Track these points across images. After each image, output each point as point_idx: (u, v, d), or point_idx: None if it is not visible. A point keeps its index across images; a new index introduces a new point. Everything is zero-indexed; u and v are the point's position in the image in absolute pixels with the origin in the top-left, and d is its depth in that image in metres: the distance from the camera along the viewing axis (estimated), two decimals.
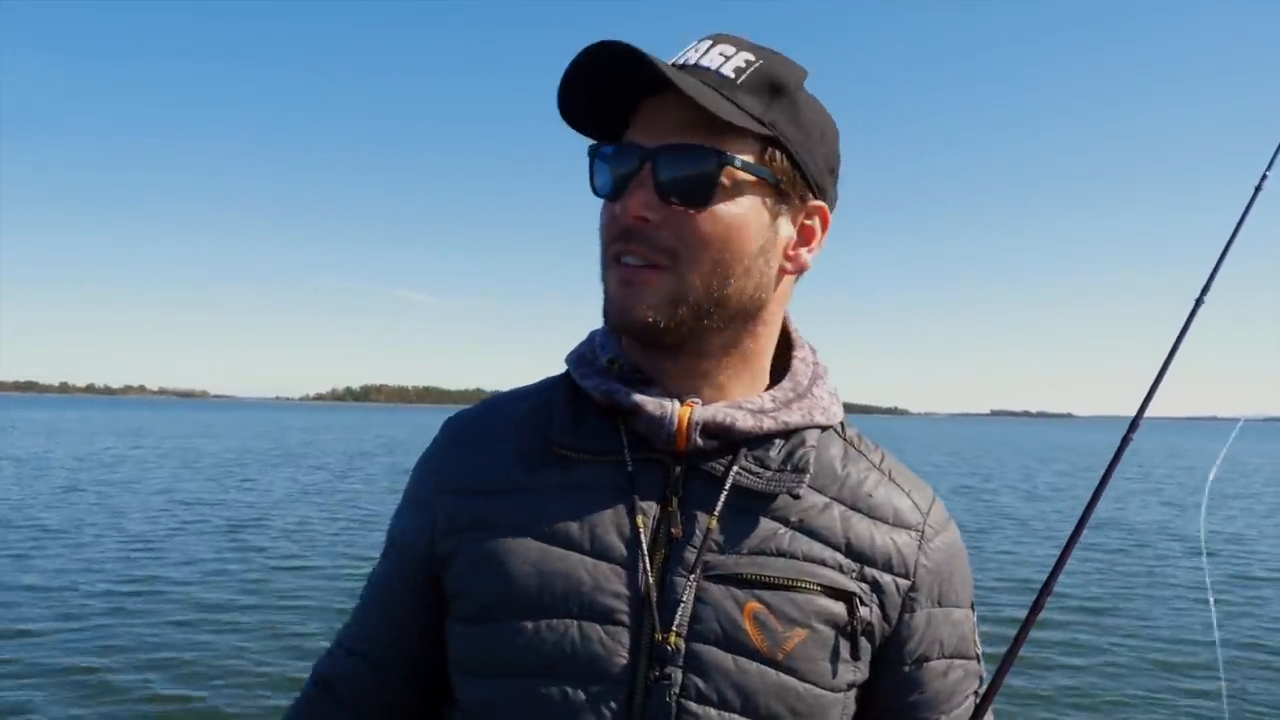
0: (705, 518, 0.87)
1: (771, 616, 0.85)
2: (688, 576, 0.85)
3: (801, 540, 0.88)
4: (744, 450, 0.90)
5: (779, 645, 0.84)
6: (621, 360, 0.94)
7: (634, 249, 0.86)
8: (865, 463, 0.96)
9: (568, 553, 0.86)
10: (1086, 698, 6.45)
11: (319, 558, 11.08)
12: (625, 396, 0.90)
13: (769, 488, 0.89)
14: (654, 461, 0.90)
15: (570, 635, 0.84)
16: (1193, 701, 6.41)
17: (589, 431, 0.92)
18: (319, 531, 13.15)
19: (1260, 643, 7.95)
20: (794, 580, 0.86)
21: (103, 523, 13.18)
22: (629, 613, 0.84)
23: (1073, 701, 6.36)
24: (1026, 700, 6.33)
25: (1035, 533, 14.50)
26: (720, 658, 0.84)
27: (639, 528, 0.86)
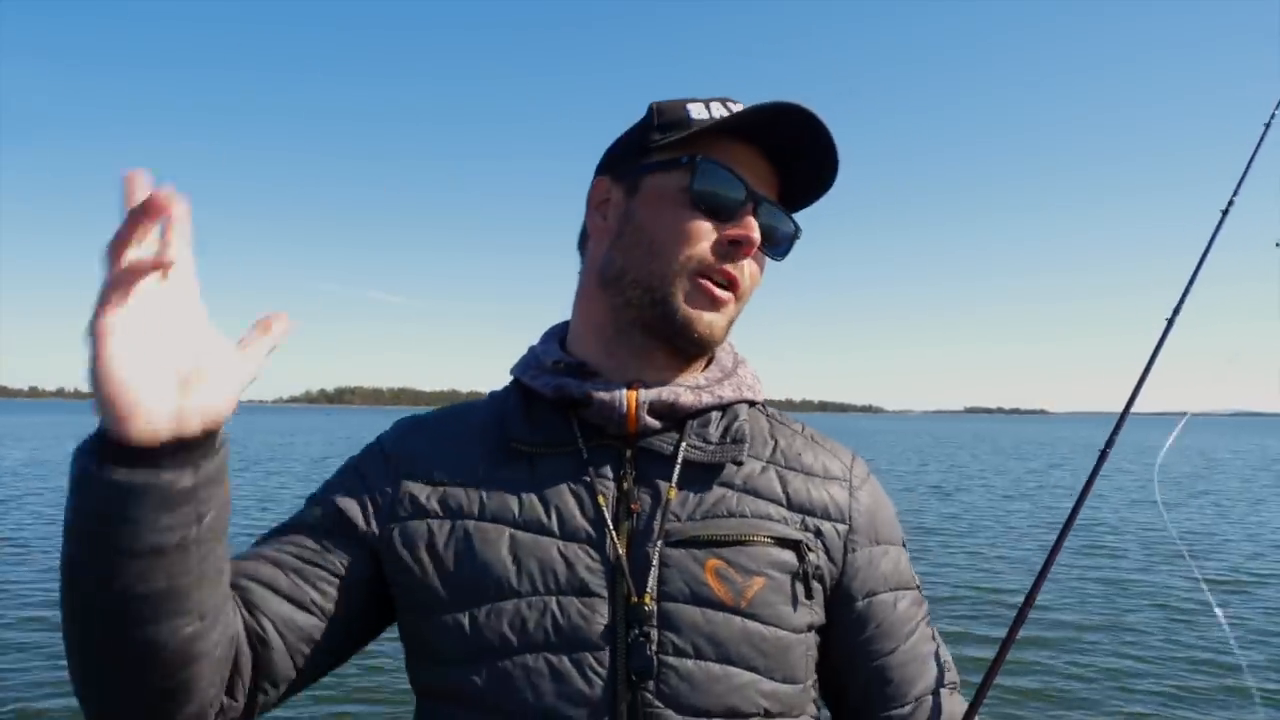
0: (662, 489, 0.96)
1: (731, 570, 0.93)
2: (652, 545, 0.93)
3: (748, 500, 0.98)
4: (690, 425, 1.00)
5: (741, 594, 0.93)
6: (565, 360, 1.02)
7: (731, 274, 0.97)
8: (790, 430, 1.09)
9: (538, 537, 0.93)
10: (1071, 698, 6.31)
11: None
12: (576, 388, 0.98)
13: (714, 458, 0.98)
14: (606, 446, 0.98)
15: (550, 610, 0.90)
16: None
17: (543, 427, 0.99)
18: None
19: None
20: (746, 535, 0.95)
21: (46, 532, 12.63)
22: (604, 583, 0.92)
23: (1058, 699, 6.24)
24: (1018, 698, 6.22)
25: (1013, 531, 14.34)
26: (690, 612, 0.92)
27: (601, 506, 0.94)
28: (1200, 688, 6.45)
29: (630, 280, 0.99)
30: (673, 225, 0.96)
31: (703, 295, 0.97)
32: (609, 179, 1.05)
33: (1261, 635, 7.77)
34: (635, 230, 0.99)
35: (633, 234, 1.00)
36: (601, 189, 1.06)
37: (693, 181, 0.96)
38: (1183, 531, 14.31)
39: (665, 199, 0.98)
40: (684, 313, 0.97)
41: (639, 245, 0.99)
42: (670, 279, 0.96)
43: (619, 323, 1.02)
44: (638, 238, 0.99)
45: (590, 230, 1.07)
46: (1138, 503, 18.45)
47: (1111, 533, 13.97)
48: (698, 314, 0.97)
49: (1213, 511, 17.06)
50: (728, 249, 0.96)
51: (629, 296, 1.00)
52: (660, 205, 0.98)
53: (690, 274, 0.96)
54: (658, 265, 0.97)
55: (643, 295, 0.98)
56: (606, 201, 1.05)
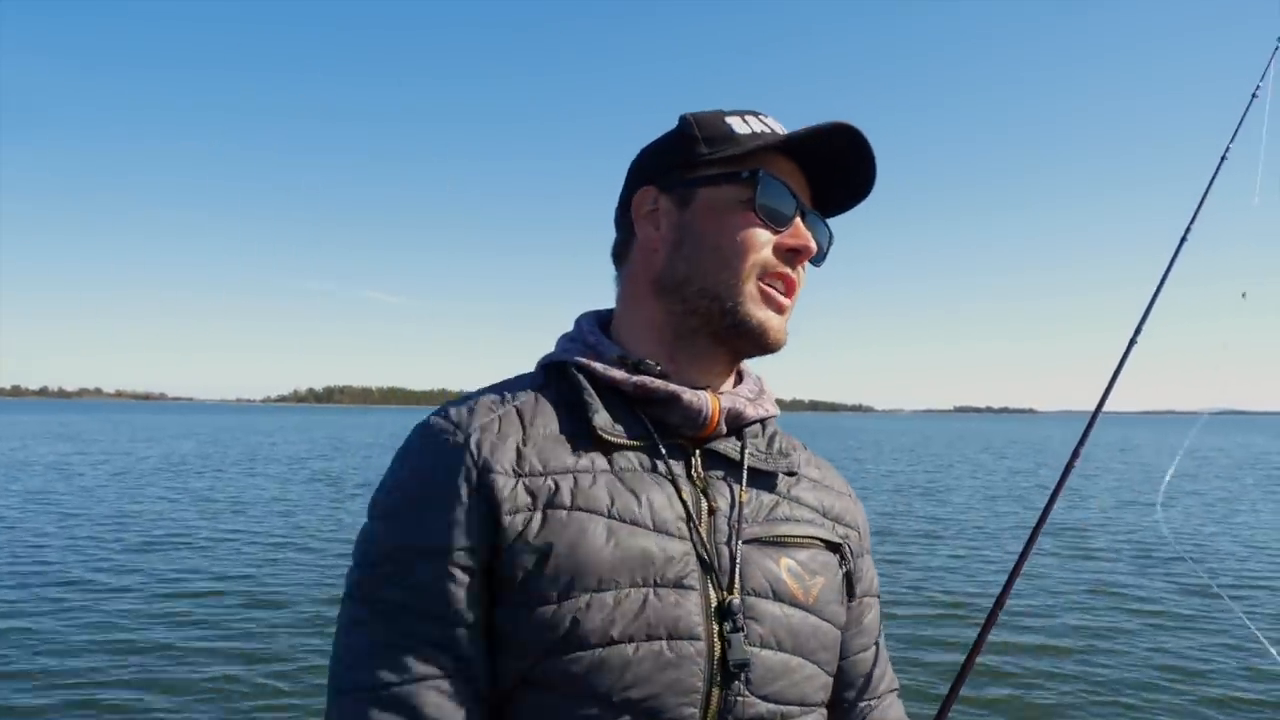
0: (735, 492, 1.02)
1: (801, 569, 1.01)
2: (732, 543, 0.98)
3: (796, 507, 1.06)
4: (747, 434, 1.06)
5: (809, 592, 1.01)
6: (631, 357, 1.03)
7: (792, 279, 1.03)
8: (798, 446, 1.16)
9: (635, 528, 0.94)
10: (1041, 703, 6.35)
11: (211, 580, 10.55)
12: (663, 388, 1.01)
13: (770, 466, 1.06)
14: (677, 446, 1.02)
15: (651, 601, 0.92)
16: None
17: (621, 419, 1.00)
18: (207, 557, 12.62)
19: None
20: (806, 538, 1.04)
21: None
22: (696, 577, 0.94)
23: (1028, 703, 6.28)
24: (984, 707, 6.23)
25: (988, 533, 14.40)
26: (771, 606, 0.97)
27: (687, 503, 0.98)
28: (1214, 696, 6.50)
29: (697, 289, 1.02)
30: (739, 236, 1.00)
31: (769, 300, 1.02)
32: (655, 190, 1.06)
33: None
34: (697, 240, 1.02)
35: (694, 244, 1.02)
36: (648, 199, 1.07)
37: (756, 195, 1.00)
38: (1178, 531, 14.41)
39: (727, 211, 1.01)
40: (755, 318, 1.01)
41: (704, 255, 1.02)
42: (739, 287, 1.00)
43: (680, 329, 1.05)
44: (701, 247, 1.02)
45: (641, 239, 1.07)
46: (1128, 504, 18.48)
47: (1094, 534, 14.00)
48: (766, 317, 1.02)
49: (1206, 512, 17.14)
50: (787, 256, 1.02)
51: (695, 304, 1.02)
52: (723, 217, 1.01)
53: (756, 280, 1.01)
54: (726, 274, 1.01)
55: (711, 304, 1.01)
56: (655, 211, 1.06)
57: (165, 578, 9.72)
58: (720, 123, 1.04)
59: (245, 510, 15.66)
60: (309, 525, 13.89)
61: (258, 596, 8.90)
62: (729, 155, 1.02)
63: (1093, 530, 14.16)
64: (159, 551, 11.32)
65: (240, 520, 14.33)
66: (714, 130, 1.04)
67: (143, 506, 15.92)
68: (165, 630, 7.65)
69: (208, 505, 16.23)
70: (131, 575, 9.86)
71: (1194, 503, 18.55)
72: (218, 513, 15.24)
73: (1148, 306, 1.53)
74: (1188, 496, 19.67)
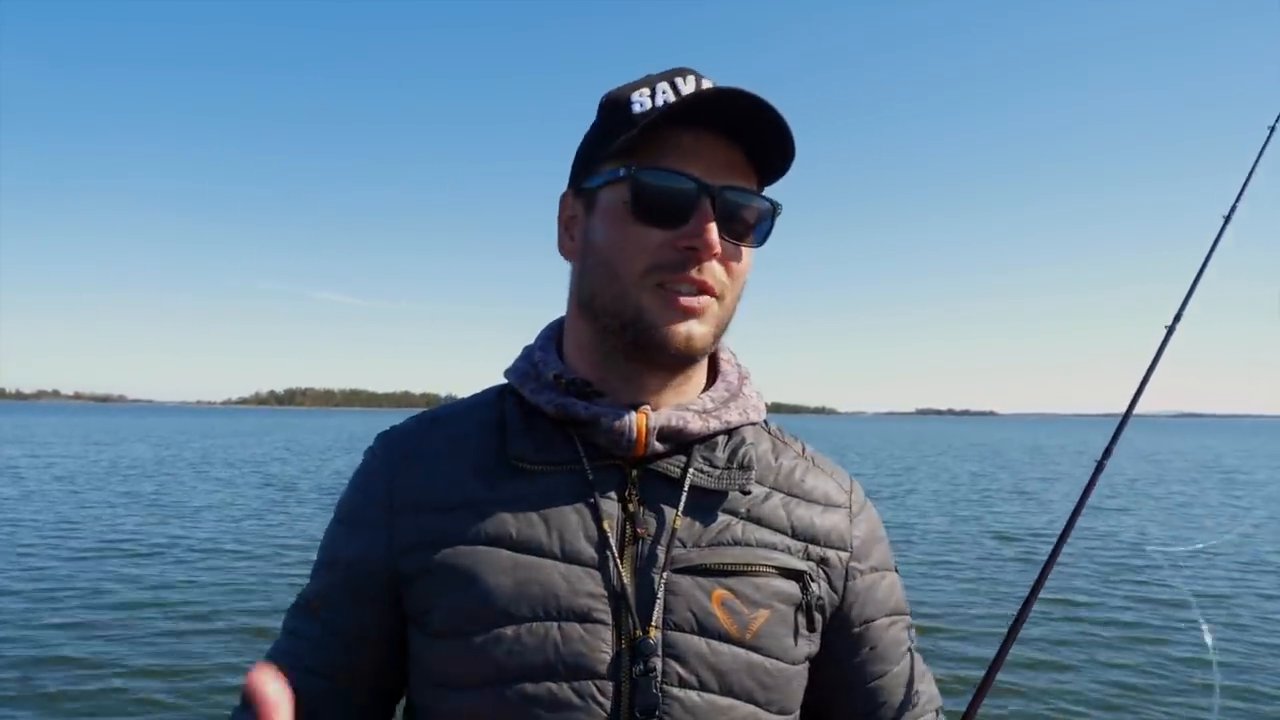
0: (668, 516, 0.94)
1: (737, 601, 0.92)
2: (658, 572, 0.91)
3: (752, 529, 0.96)
4: (696, 451, 0.97)
5: (746, 626, 0.92)
6: (568, 376, 0.97)
7: (698, 281, 0.91)
8: (792, 453, 1.06)
9: (541, 560, 0.90)
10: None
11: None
12: (582, 410, 0.95)
13: (720, 485, 0.96)
14: (610, 467, 0.95)
15: (552, 637, 0.87)
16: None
17: (544, 443, 0.96)
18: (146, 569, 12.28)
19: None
20: (752, 565, 0.94)
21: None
22: (607, 611, 0.89)
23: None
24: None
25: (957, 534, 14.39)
26: (695, 643, 0.90)
27: (606, 530, 0.91)
28: None
29: (600, 307, 0.95)
30: (622, 244, 0.92)
31: (670, 307, 0.92)
32: (572, 193, 1.01)
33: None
34: (595, 252, 0.95)
35: (593, 257, 0.96)
36: (567, 205, 1.02)
37: (632, 197, 0.91)
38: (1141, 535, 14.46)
39: (614, 216, 0.93)
40: (658, 330, 0.92)
41: (600, 269, 0.95)
42: (631, 299, 0.92)
43: (604, 347, 0.98)
44: (598, 261, 0.95)
45: (561, 250, 1.03)
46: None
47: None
48: (671, 328, 0.92)
49: (1164, 514, 17.31)
50: (685, 255, 0.91)
51: (604, 324, 0.96)
52: (610, 223, 0.93)
53: (652, 288, 0.91)
54: (617, 287, 0.93)
55: (613, 321, 0.94)
56: (574, 218, 1.00)
57: (93, 589, 9.32)
58: (625, 102, 0.95)
59: (185, 517, 15.13)
60: (249, 533, 13.42)
61: (182, 609, 8.49)
62: (619, 148, 0.93)
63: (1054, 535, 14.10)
64: (89, 560, 10.89)
65: (179, 527, 13.83)
66: (617, 114, 0.95)
67: (83, 512, 15.39)
68: (80, 643, 7.32)
69: (150, 511, 15.72)
70: (55, 583, 9.49)
71: (1154, 507, 18.67)
72: (160, 519, 14.74)
73: (1188, 292, 1.41)
74: (1149, 500, 19.84)
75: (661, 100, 0.93)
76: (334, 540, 1.00)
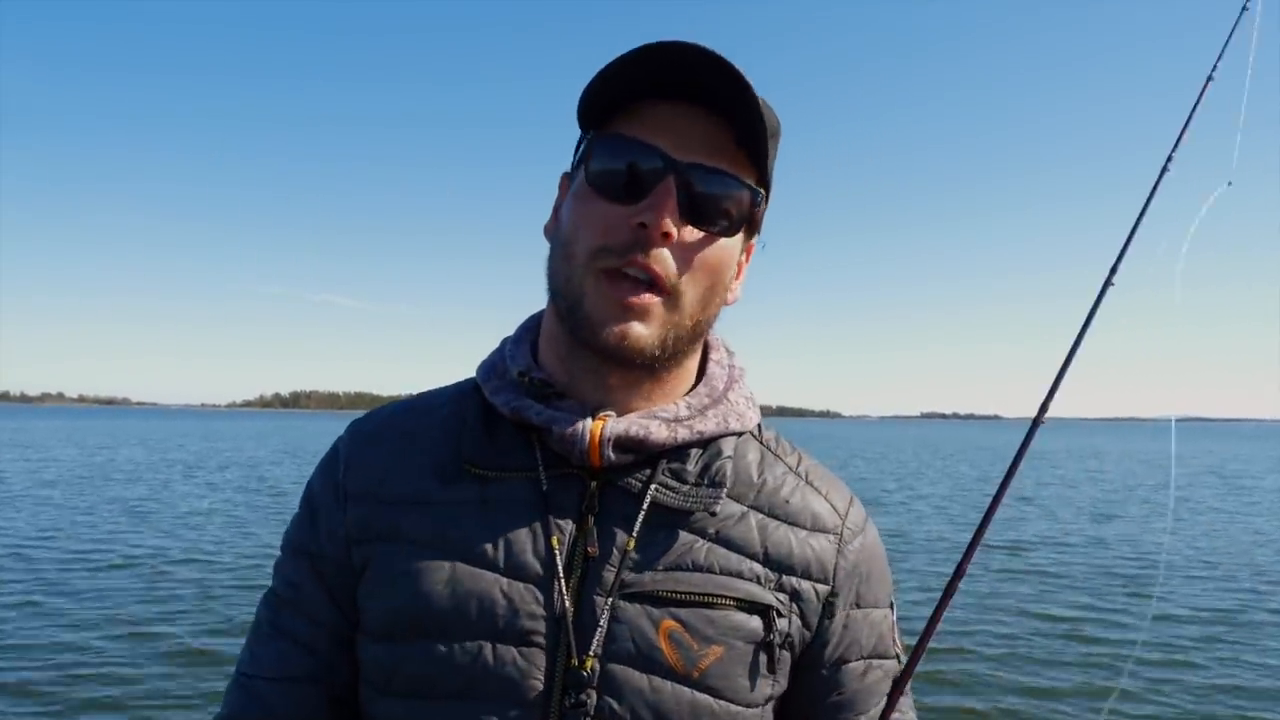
0: (622, 536, 0.86)
1: (687, 635, 0.84)
2: (604, 597, 0.84)
3: (718, 553, 0.88)
4: (662, 464, 0.89)
5: (694, 664, 0.84)
6: (532, 373, 0.92)
7: (645, 265, 0.82)
8: (782, 467, 0.96)
9: (482, 572, 0.85)
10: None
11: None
12: (535, 414, 0.88)
13: (686, 503, 0.88)
14: (570, 477, 0.88)
15: (484, 657, 0.83)
16: None
17: (502, 447, 0.90)
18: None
19: None
20: (710, 596, 0.86)
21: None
22: (545, 634, 0.83)
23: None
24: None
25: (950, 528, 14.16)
26: (635, 678, 0.83)
27: (554, 547, 0.85)
28: None
29: (554, 290, 0.90)
30: (581, 219, 0.85)
31: (609, 299, 0.83)
32: (566, 175, 0.95)
33: None
34: (559, 231, 0.90)
35: (557, 236, 0.91)
36: (562, 187, 0.96)
37: (588, 165, 0.85)
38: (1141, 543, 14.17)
39: (580, 192, 0.87)
40: (593, 324, 0.84)
41: (558, 248, 0.89)
42: (579, 281, 0.85)
43: (570, 339, 0.90)
44: (559, 240, 0.89)
45: (545, 232, 0.96)
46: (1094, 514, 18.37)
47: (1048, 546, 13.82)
48: (608, 325, 0.83)
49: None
50: (637, 234, 0.82)
51: (559, 310, 0.89)
52: (575, 199, 0.87)
53: (598, 271, 0.84)
54: (568, 268, 0.86)
55: (563, 304, 0.88)
56: (559, 199, 0.96)
57: (53, 602, 8.99)
58: (609, 67, 0.85)
59: (160, 525, 14.73)
60: (226, 543, 13.05)
61: (140, 624, 8.15)
62: (592, 115, 0.87)
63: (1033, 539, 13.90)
64: (55, 570, 10.55)
65: (158, 537, 13.43)
66: (591, 89, 0.86)
67: (60, 519, 15.04)
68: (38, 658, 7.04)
69: (131, 519, 15.27)
70: (19, 594, 9.17)
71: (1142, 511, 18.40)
72: (136, 527, 14.35)
73: (1125, 243, 1.33)
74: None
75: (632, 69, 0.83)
76: (292, 528, 0.97)
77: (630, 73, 0.82)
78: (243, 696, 0.92)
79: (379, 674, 0.87)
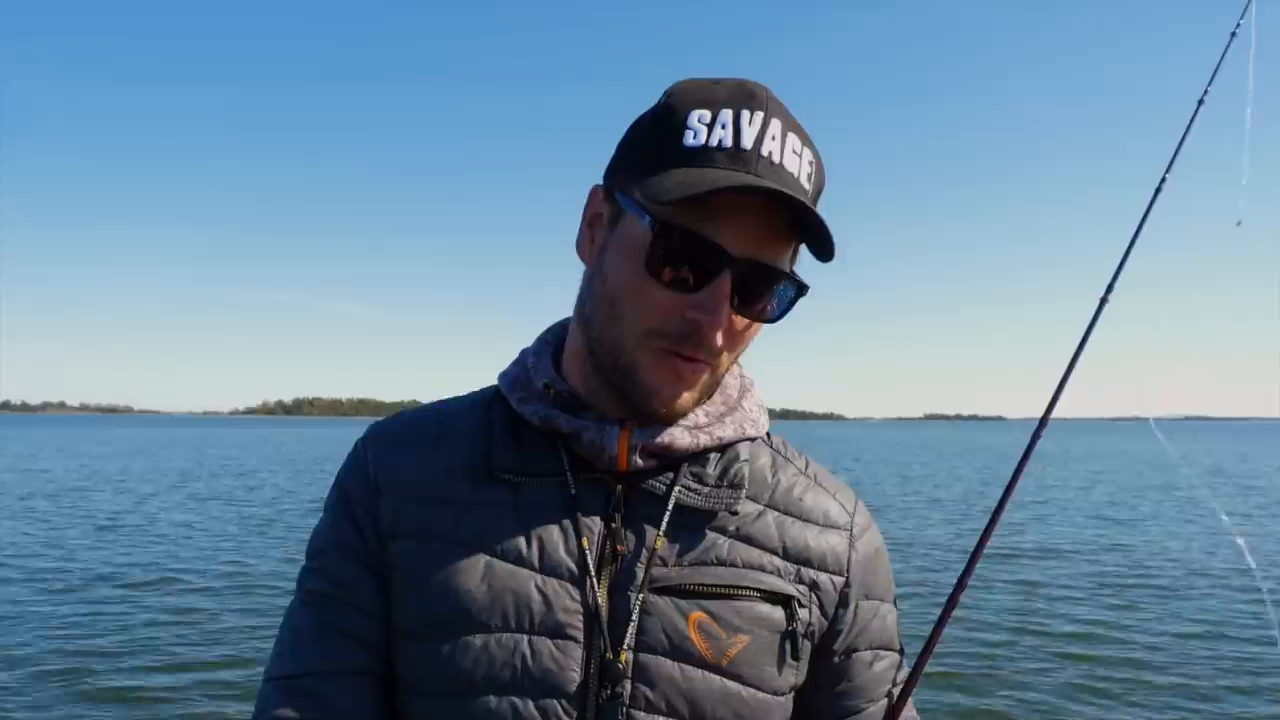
0: (649, 534, 0.91)
1: (715, 624, 0.89)
2: (635, 592, 0.88)
3: (740, 548, 0.93)
4: (684, 467, 0.94)
5: (723, 652, 0.88)
6: (557, 385, 0.96)
7: (695, 354, 0.88)
8: (793, 469, 1.02)
9: (517, 569, 0.88)
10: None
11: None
12: (565, 423, 0.93)
13: (708, 504, 0.93)
14: (596, 481, 0.93)
15: (522, 650, 0.85)
16: None
17: (530, 453, 0.94)
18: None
19: None
20: (735, 588, 0.90)
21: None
22: (580, 628, 0.87)
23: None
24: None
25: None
26: (668, 667, 0.87)
27: (585, 546, 0.89)
28: None
29: (596, 338, 0.92)
30: (634, 292, 0.87)
31: (665, 372, 0.89)
32: (604, 193, 0.95)
33: None
34: (604, 281, 0.91)
35: (601, 282, 0.91)
36: (596, 201, 0.96)
37: (649, 251, 0.85)
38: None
39: (630, 254, 0.88)
40: (645, 390, 0.89)
41: (604, 301, 0.91)
42: (631, 350, 0.88)
43: (593, 365, 0.94)
44: (604, 290, 0.91)
45: (578, 249, 0.97)
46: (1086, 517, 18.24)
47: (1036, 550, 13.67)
48: (660, 392, 0.89)
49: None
50: (691, 325, 0.86)
51: (594, 348, 0.93)
52: (625, 259, 0.88)
53: (653, 349, 0.88)
54: (617, 332, 0.89)
55: (605, 359, 0.91)
56: (598, 219, 0.95)
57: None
58: (679, 124, 0.87)
59: (124, 540, 14.54)
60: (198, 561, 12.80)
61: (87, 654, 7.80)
62: (653, 184, 0.86)
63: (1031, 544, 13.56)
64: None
65: (130, 552, 13.28)
66: (665, 130, 0.88)
67: (26, 532, 14.86)
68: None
69: (99, 534, 14.98)
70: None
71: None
72: (106, 542, 14.10)
73: (1122, 259, 1.40)
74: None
75: (717, 140, 0.86)
76: (325, 528, 0.97)
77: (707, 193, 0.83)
78: (287, 696, 0.89)
79: (415, 673, 0.88)
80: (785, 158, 0.87)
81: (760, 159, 0.85)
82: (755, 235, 0.86)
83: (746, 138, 0.86)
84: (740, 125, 0.86)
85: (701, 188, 0.82)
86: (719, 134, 0.86)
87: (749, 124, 0.87)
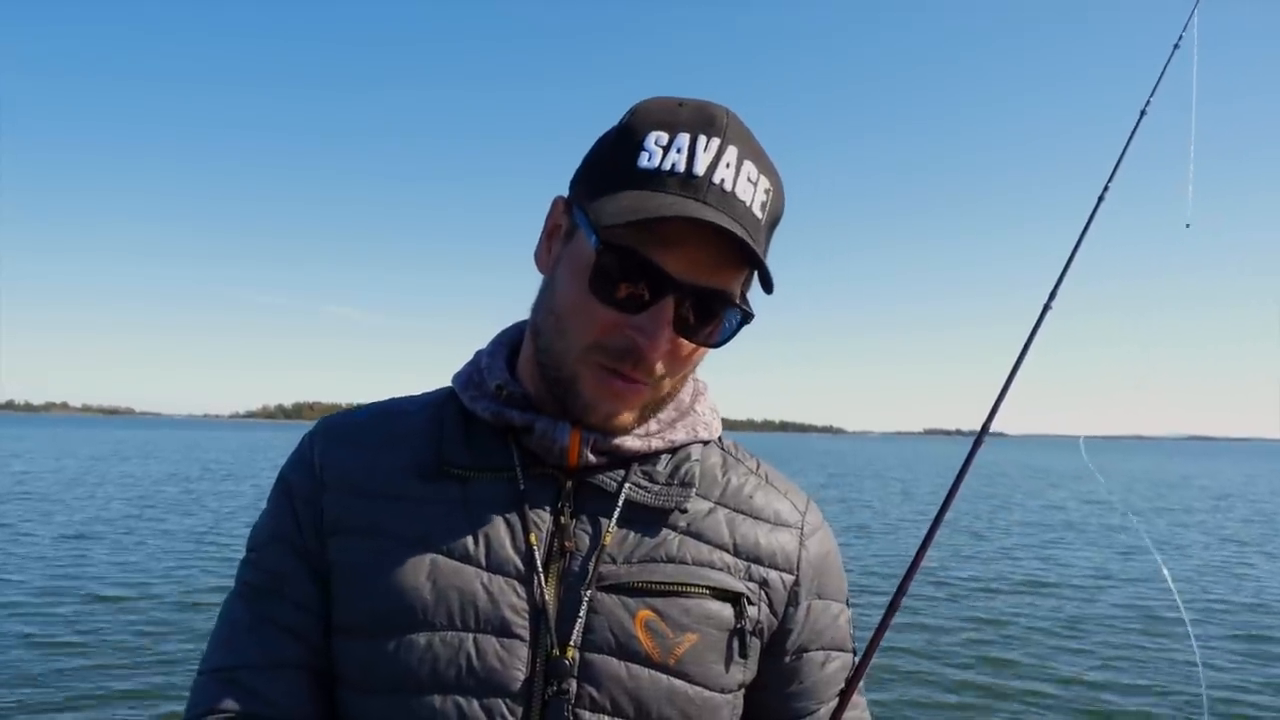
0: (599, 530, 0.91)
1: (662, 623, 0.89)
2: (582, 589, 0.88)
3: (690, 544, 0.93)
4: (634, 465, 0.95)
5: (670, 651, 0.88)
6: (510, 388, 0.96)
7: (633, 374, 0.89)
8: (743, 469, 1.03)
9: (463, 566, 0.88)
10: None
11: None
12: (518, 417, 0.93)
13: (659, 501, 0.94)
14: (546, 477, 0.93)
15: (466, 649, 0.85)
16: None
17: (480, 449, 0.94)
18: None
19: None
20: (683, 585, 0.90)
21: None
22: (526, 626, 0.86)
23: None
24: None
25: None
26: (614, 666, 0.87)
27: (533, 543, 0.89)
28: None
29: (543, 348, 0.93)
30: (578, 308, 0.89)
31: (603, 388, 0.90)
32: (563, 205, 0.95)
33: None
34: (554, 292, 0.92)
35: (552, 295, 0.93)
36: (557, 212, 0.96)
37: (594, 271, 0.86)
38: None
39: (577, 271, 0.89)
40: (584, 403, 0.91)
41: (551, 314, 0.92)
42: (572, 364, 0.90)
43: (542, 374, 0.95)
44: (553, 303, 0.92)
45: (535, 259, 0.98)
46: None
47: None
48: (597, 406, 0.90)
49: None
50: (631, 343, 0.87)
51: (542, 363, 0.93)
52: (573, 276, 0.89)
53: (593, 364, 0.89)
54: (563, 345, 0.90)
55: (550, 370, 0.92)
56: (558, 229, 0.95)
57: None
58: (639, 138, 0.88)
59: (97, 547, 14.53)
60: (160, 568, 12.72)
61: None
62: (602, 204, 0.87)
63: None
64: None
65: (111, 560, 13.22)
66: (623, 149, 0.89)
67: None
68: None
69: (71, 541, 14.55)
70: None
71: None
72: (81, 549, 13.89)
73: (1064, 269, 1.43)
74: None
75: (670, 164, 0.86)
76: (265, 521, 0.97)
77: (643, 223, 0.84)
78: (221, 689, 0.88)
79: (357, 671, 0.87)
80: (738, 185, 0.87)
81: (711, 186, 0.85)
82: (702, 261, 0.86)
83: (699, 164, 0.86)
84: (695, 151, 0.87)
85: (645, 214, 0.82)
86: (673, 158, 0.86)
87: (704, 150, 0.87)
